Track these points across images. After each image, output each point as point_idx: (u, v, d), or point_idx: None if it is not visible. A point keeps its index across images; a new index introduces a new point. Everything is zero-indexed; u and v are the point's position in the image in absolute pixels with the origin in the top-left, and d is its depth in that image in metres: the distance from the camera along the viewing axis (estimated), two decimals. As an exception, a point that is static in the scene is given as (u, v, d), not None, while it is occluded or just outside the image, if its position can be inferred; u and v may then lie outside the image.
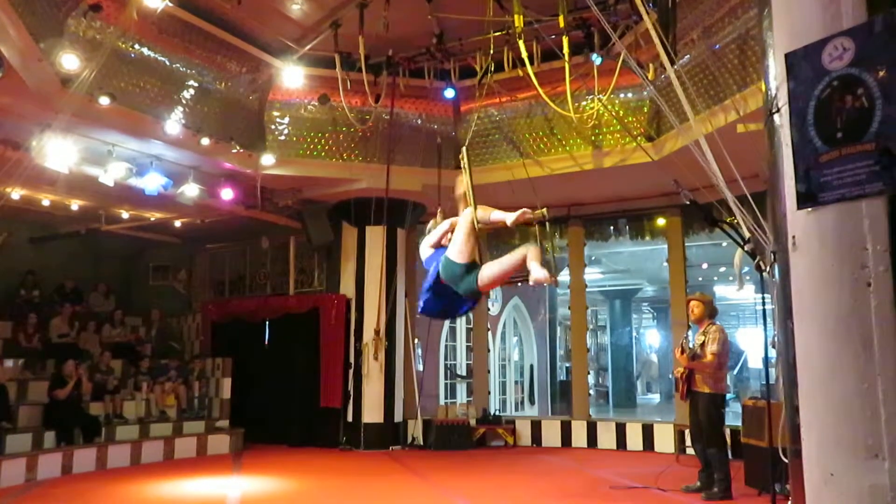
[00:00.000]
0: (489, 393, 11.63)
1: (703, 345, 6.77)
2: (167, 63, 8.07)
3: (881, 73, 2.31)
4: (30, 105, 7.08)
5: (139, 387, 10.20)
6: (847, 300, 2.34)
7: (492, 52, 8.14)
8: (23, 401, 8.98)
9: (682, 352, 6.91)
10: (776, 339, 3.36)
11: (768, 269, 3.11)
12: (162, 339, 12.07)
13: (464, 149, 4.30)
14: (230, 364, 10.81)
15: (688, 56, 7.56)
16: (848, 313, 2.33)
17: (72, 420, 8.80)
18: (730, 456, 8.24)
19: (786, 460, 2.94)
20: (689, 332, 7.23)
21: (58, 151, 7.62)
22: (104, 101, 7.21)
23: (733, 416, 9.03)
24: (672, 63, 6.45)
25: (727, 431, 8.57)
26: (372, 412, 10.37)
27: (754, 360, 18.34)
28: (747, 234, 4.11)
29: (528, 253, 3.84)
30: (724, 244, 11.50)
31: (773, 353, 6.25)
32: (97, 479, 8.05)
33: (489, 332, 12.17)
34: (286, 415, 10.94)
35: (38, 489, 7.45)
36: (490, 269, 3.95)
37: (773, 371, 6.97)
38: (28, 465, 7.90)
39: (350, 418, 10.44)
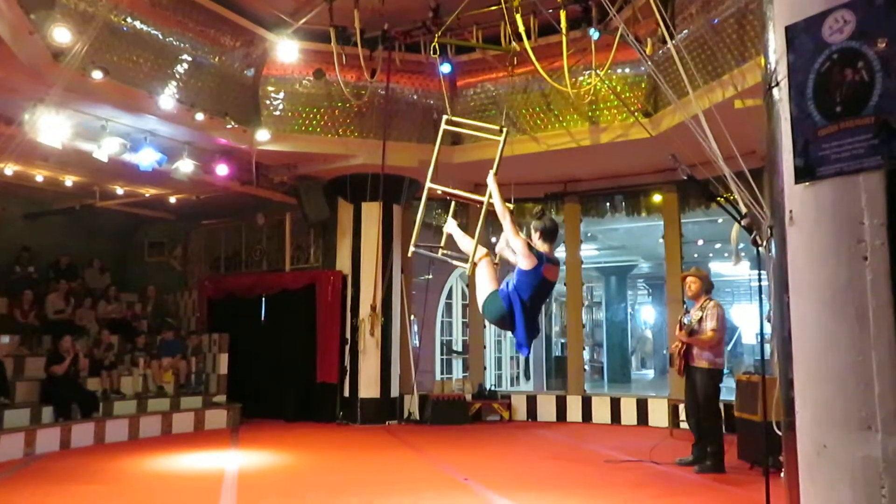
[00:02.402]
0: (485, 368, 11.70)
1: (700, 320, 6.79)
2: (160, 37, 7.96)
3: (882, 46, 2.30)
4: (21, 79, 6.99)
5: (136, 362, 10.24)
6: (843, 274, 2.35)
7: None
8: (20, 376, 9.01)
9: (681, 328, 6.95)
10: (771, 313, 3.38)
11: (765, 243, 3.11)
12: (158, 315, 12.09)
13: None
14: (227, 340, 10.84)
15: (686, 30, 7.50)
16: (844, 287, 2.34)
17: (69, 395, 8.83)
18: (724, 430, 8.34)
19: (779, 433, 2.97)
20: (688, 308, 7.25)
21: (51, 127, 7.53)
22: (97, 75, 7.13)
23: (727, 391, 9.12)
24: (671, 37, 6.41)
25: (721, 406, 8.69)
26: (368, 387, 10.42)
27: (748, 336, 18.48)
28: (744, 210, 4.11)
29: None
30: (720, 220, 11.51)
31: (767, 328, 6.29)
32: (95, 453, 8.10)
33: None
34: (283, 390, 10.99)
35: (37, 463, 7.50)
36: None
37: (767, 346, 7.02)
38: (26, 440, 7.94)
39: (347, 394, 10.50)
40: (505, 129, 4.49)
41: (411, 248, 4.67)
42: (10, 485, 6.41)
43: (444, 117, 4.87)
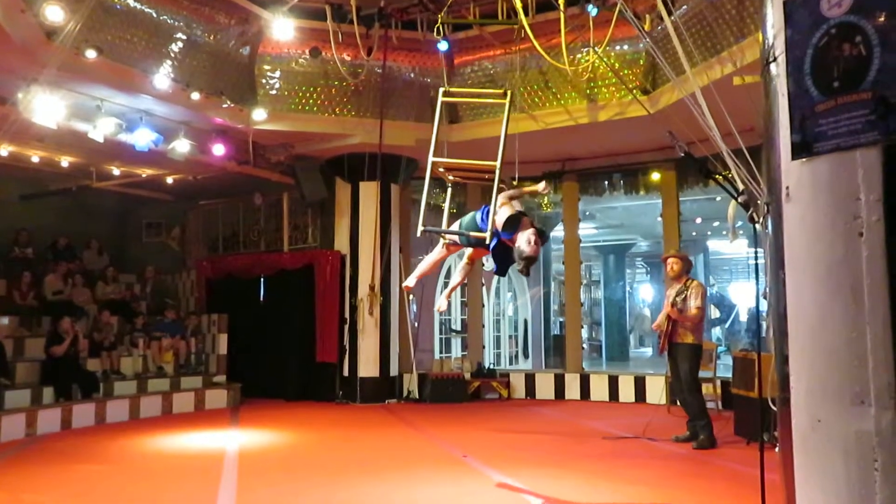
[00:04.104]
0: (484, 347, 11.75)
1: (684, 299, 6.91)
2: (154, 15, 7.88)
3: (880, 20, 2.27)
4: (14, 59, 6.93)
5: (135, 343, 10.27)
6: (839, 250, 2.34)
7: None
8: (20, 357, 9.04)
9: (673, 305, 7.03)
10: (768, 290, 3.39)
11: (761, 220, 3.11)
12: (157, 295, 12.11)
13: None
14: (226, 320, 10.87)
15: (685, 6, 7.43)
16: (840, 263, 2.34)
17: (70, 376, 8.86)
18: (720, 406, 8.43)
19: (775, 409, 2.99)
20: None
21: (45, 106, 7.48)
22: (91, 54, 7.06)
23: (724, 369, 9.18)
24: (670, 13, 6.36)
25: (718, 382, 8.78)
26: (368, 367, 10.47)
27: (746, 314, 18.55)
28: (741, 187, 4.11)
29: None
30: (718, 199, 11.51)
31: (764, 304, 6.32)
32: (97, 433, 8.16)
33: (484, 288, 12.24)
34: (283, 370, 11.05)
35: (39, 443, 7.56)
36: None
37: (763, 323, 7.07)
38: (28, 421, 7.99)
39: (346, 373, 10.55)
40: (509, 91, 4.43)
41: (420, 228, 4.67)
42: (12, 465, 6.46)
43: (441, 89, 4.82)
